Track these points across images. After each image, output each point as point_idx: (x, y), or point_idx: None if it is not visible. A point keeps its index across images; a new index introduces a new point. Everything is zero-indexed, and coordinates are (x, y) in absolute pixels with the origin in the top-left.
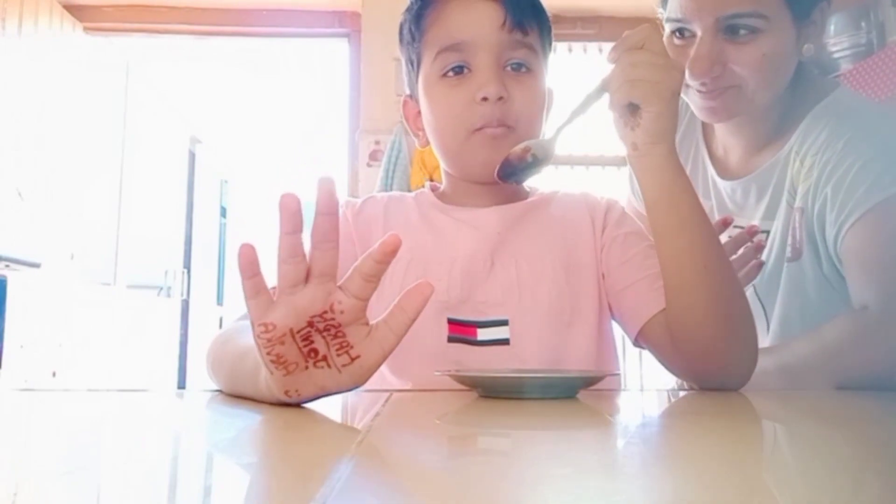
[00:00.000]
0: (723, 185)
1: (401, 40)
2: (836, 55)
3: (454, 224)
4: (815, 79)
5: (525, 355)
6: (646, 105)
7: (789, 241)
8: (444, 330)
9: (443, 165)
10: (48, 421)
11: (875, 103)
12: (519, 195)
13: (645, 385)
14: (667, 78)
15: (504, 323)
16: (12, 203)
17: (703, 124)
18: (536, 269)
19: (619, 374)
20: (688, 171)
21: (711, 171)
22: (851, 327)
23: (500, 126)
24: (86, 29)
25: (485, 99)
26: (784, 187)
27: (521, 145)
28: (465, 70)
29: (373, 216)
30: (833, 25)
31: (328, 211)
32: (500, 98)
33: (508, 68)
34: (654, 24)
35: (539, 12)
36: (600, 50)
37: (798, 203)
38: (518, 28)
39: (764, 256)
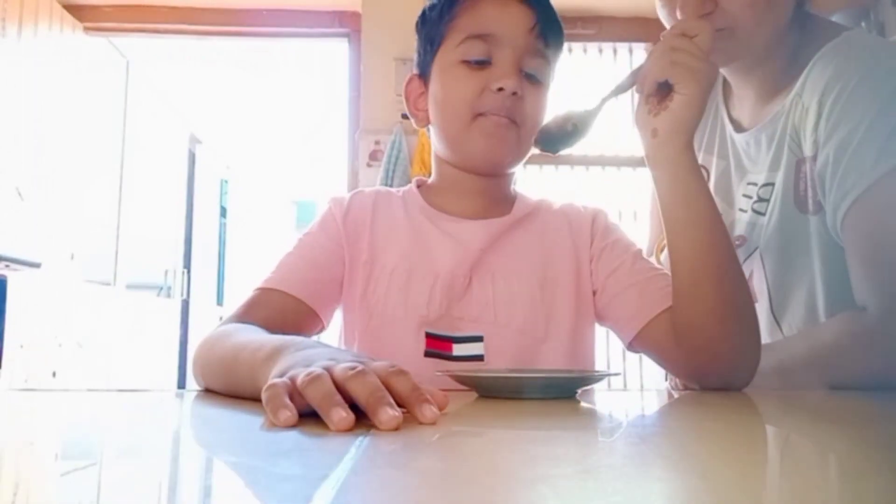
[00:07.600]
0: (738, 138)
1: (423, 19)
2: None
3: (439, 235)
4: (823, 22)
5: None
6: (680, 87)
7: (810, 193)
8: (422, 344)
9: (439, 151)
10: (48, 421)
11: (892, 45)
12: (507, 199)
13: (645, 385)
14: (705, 68)
15: (479, 339)
16: (12, 203)
17: (723, 83)
18: (512, 287)
19: (619, 374)
20: (707, 131)
21: (729, 128)
22: (850, 329)
23: (505, 117)
24: (86, 29)
25: (500, 89)
26: (787, 133)
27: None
28: (486, 63)
29: (361, 216)
30: None
31: None
32: (515, 93)
33: (524, 73)
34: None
35: (560, 35)
36: (600, 50)
37: (808, 152)
38: (542, 36)
39: (766, 210)
